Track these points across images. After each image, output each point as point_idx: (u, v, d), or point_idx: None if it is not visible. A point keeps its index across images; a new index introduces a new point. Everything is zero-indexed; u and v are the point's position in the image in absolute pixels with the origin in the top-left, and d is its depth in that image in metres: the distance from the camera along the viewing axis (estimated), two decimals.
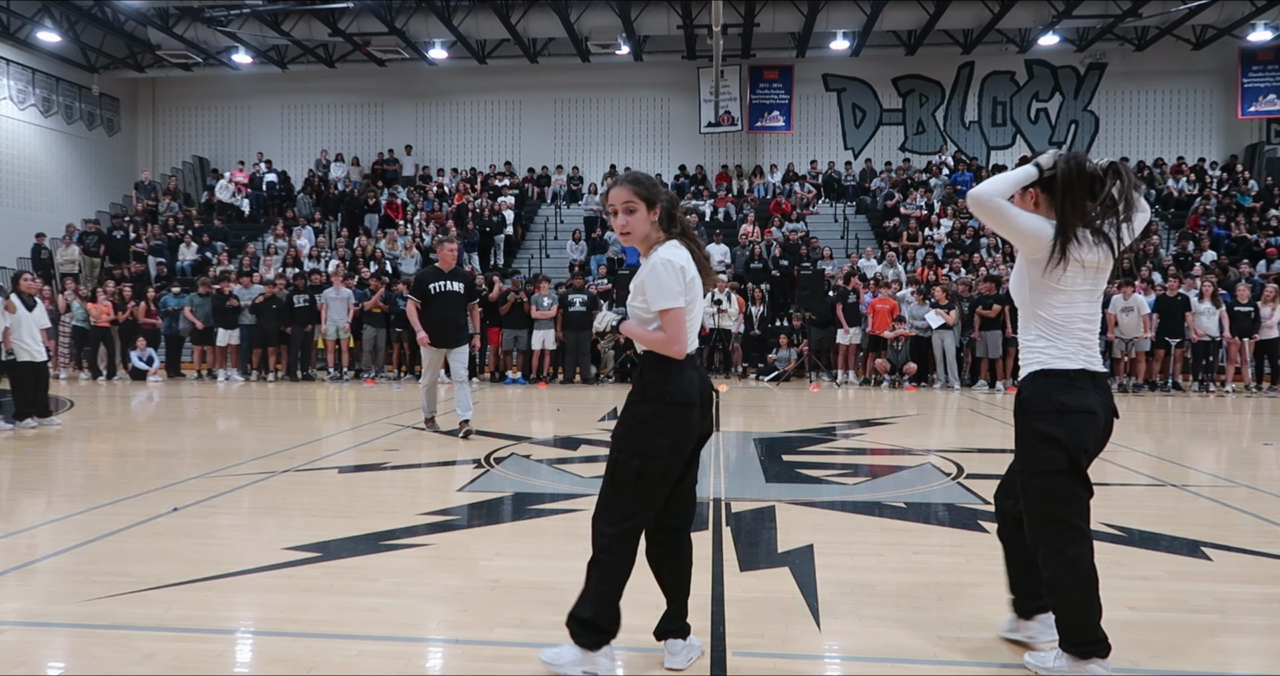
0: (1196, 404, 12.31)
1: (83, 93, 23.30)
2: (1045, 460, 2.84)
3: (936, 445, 8.12)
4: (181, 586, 3.80)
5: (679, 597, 2.99)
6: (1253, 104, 22.19)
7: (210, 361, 15.71)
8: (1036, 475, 2.86)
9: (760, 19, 20.31)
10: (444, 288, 8.18)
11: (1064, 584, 2.82)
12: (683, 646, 2.96)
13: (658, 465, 2.83)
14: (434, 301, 8.16)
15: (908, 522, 5.09)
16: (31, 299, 9.41)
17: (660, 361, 2.88)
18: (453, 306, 8.21)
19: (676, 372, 2.86)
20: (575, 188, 23.19)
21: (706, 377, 2.99)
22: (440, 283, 8.19)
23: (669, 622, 2.98)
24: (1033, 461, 2.87)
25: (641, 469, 2.83)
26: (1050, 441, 2.83)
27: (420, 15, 20.76)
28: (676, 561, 3.00)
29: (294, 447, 7.68)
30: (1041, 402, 2.88)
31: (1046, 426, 2.84)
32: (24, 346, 9.21)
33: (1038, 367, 2.92)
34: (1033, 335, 2.95)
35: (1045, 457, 2.84)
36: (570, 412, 10.65)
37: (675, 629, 2.97)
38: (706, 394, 2.93)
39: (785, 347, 15.41)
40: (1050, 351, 2.91)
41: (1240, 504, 5.59)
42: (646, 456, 2.82)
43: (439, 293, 8.17)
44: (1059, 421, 2.84)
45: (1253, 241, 18.16)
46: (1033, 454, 2.87)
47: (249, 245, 19.87)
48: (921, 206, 20.53)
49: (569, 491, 5.87)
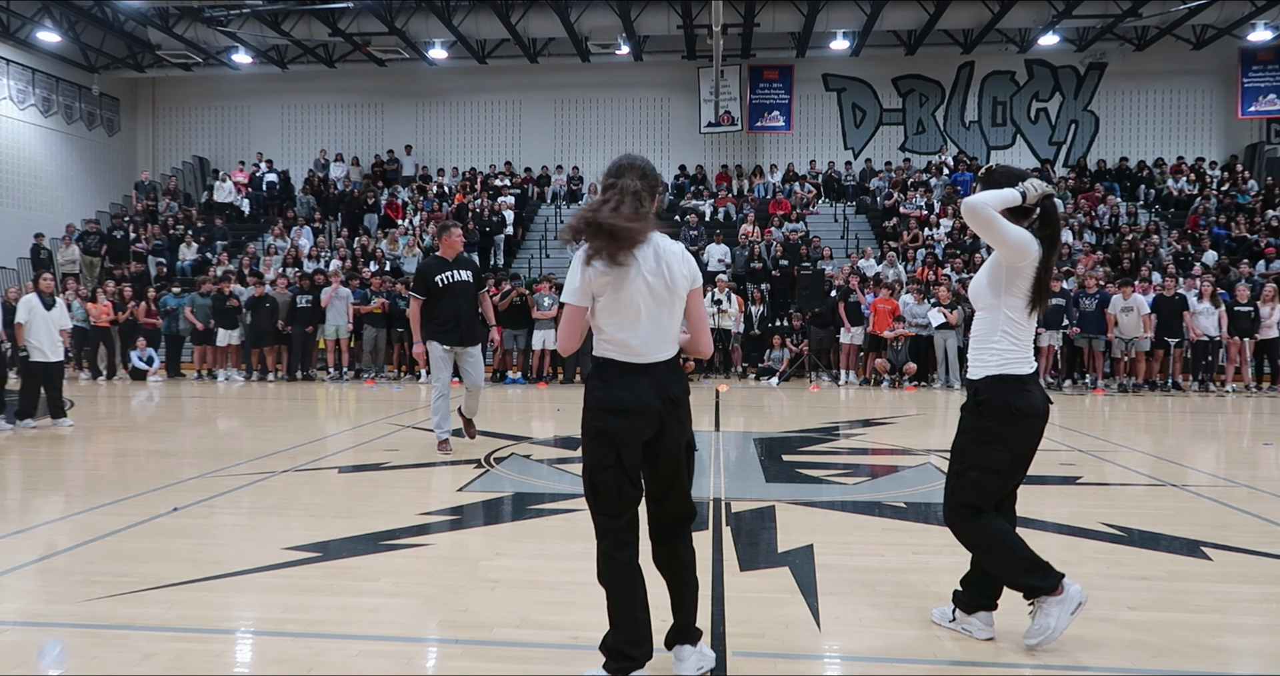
0: (1196, 404, 12.31)
1: (83, 93, 23.30)
2: (991, 458, 3.12)
3: (936, 445, 8.12)
4: (181, 586, 3.80)
5: (683, 605, 2.90)
6: (1253, 104, 22.19)
7: (209, 361, 15.72)
8: (977, 468, 3.14)
9: (760, 19, 20.31)
10: (453, 278, 7.12)
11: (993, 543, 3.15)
12: (692, 652, 2.89)
13: (605, 477, 2.77)
14: (443, 295, 7.08)
15: (908, 522, 5.09)
16: (51, 298, 9.40)
17: (597, 366, 2.82)
18: (465, 299, 7.17)
19: (608, 379, 2.78)
20: (575, 188, 23.18)
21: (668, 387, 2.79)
22: (448, 273, 7.12)
23: (677, 630, 2.91)
24: (979, 456, 3.14)
25: (593, 481, 2.81)
26: (1000, 443, 3.11)
27: (420, 15, 20.76)
28: (678, 570, 2.90)
29: (294, 447, 7.68)
30: (999, 406, 3.11)
31: (1001, 428, 3.10)
32: (38, 346, 9.20)
33: (997, 371, 3.14)
34: (997, 336, 3.15)
35: (991, 456, 3.12)
36: (570, 412, 10.65)
37: (683, 636, 2.90)
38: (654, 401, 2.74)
39: (779, 348, 15.40)
40: (1010, 353, 3.13)
41: (1240, 504, 5.59)
42: (593, 468, 2.80)
43: (448, 285, 7.10)
44: (1013, 425, 3.10)
45: (1253, 241, 18.17)
46: (981, 450, 3.13)
47: (249, 245, 19.88)
48: (921, 206, 20.53)
49: (569, 491, 5.87)
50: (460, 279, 7.15)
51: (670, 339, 2.84)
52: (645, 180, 2.85)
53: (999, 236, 3.04)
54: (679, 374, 2.86)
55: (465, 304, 7.15)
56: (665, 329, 2.81)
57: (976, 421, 3.15)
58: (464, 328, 7.13)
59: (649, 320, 2.76)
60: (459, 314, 7.11)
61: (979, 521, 3.16)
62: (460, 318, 7.11)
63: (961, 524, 3.19)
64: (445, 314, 7.09)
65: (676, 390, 2.83)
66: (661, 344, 2.81)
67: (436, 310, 7.09)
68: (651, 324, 2.77)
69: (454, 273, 7.15)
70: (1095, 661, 3.07)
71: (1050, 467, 6.91)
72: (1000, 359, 3.13)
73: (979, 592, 3.27)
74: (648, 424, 2.75)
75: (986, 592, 3.27)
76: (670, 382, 2.81)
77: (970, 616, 3.28)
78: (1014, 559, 3.12)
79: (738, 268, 17.94)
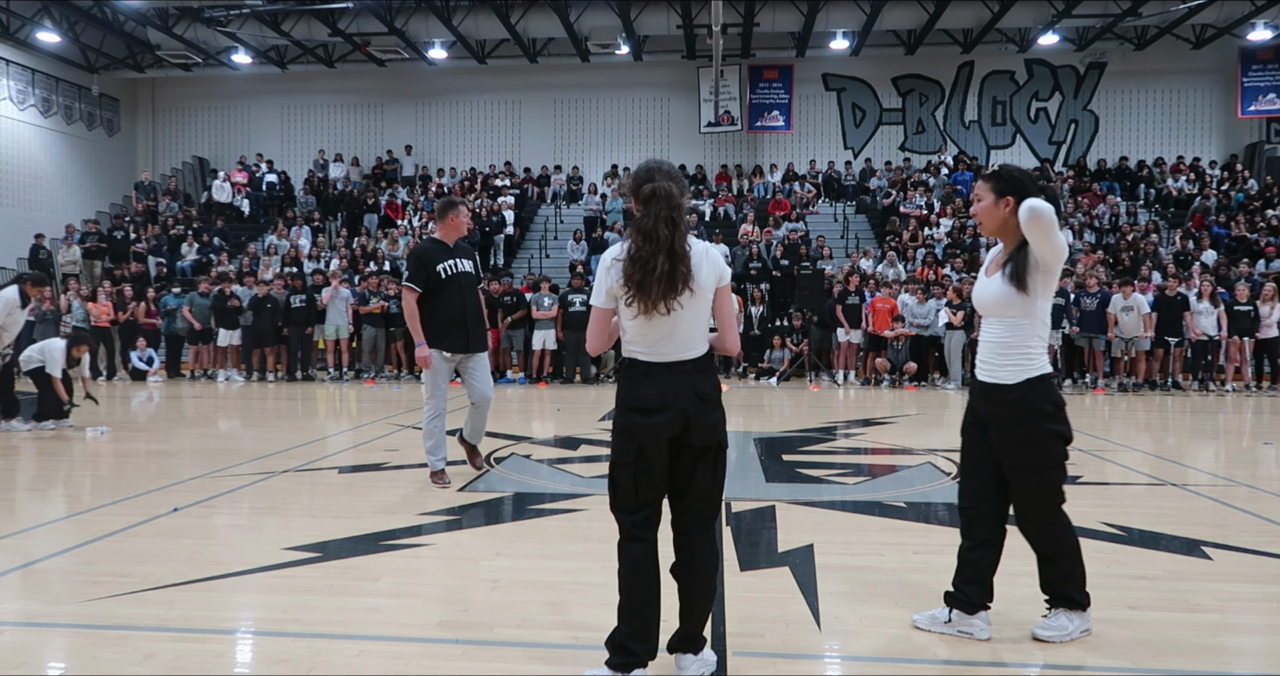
0: (1196, 403, 12.31)
1: (82, 93, 23.30)
2: (1060, 454, 3.18)
3: (936, 445, 8.12)
4: (181, 586, 3.80)
5: (691, 613, 2.86)
6: (1252, 103, 22.18)
7: (206, 362, 15.71)
8: (1053, 469, 3.18)
9: (760, 19, 20.30)
10: (455, 268, 5.85)
11: (1072, 547, 3.24)
12: (694, 661, 2.86)
13: (625, 473, 2.80)
14: (446, 289, 5.80)
15: (908, 522, 5.09)
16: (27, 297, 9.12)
17: (626, 365, 2.87)
18: (470, 294, 5.91)
19: (633, 378, 2.82)
20: (575, 188, 23.18)
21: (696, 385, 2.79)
22: (450, 262, 5.85)
23: (681, 637, 2.88)
24: (1052, 457, 3.17)
25: (613, 476, 2.84)
26: (1061, 438, 3.18)
27: (420, 15, 20.76)
28: (688, 577, 2.86)
29: (294, 448, 7.68)
30: (1048, 404, 3.17)
31: (1056, 425, 3.16)
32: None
33: (1038, 374, 3.19)
34: (1034, 341, 3.20)
35: (1059, 452, 3.18)
36: (570, 412, 10.65)
37: (688, 644, 2.87)
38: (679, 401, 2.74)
39: (779, 348, 15.40)
40: (1042, 355, 3.22)
41: (1240, 503, 5.59)
42: (615, 464, 2.83)
43: (451, 276, 5.82)
44: (1062, 419, 3.18)
45: (1253, 241, 18.17)
46: (1053, 451, 3.17)
47: (249, 245, 19.88)
48: (921, 206, 20.53)
49: (569, 491, 5.87)
50: (463, 269, 5.88)
51: (697, 338, 2.83)
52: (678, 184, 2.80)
53: (1055, 240, 3.03)
54: (708, 372, 2.84)
55: (470, 300, 5.89)
56: (691, 328, 2.80)
57: (1030, 425, 3.15)
58: (470, 329, 5.86)
59: (673, 320, 2.77)
60: (464, 312, 5.83)
61: (1069, 522, 3.26)
62: (466, 316, 5.84)
63: (1055, 527, 3.23)
64: (448, 312, 5.79)
65: (705, 388, 2.81)
66: (687, 343, 2.81)
67: (437, 307, 5.78)
68: (676, 324, 2.78)
69: (456, 262, 5.86)
70: (1095, 661, 3.07)
71: None
72: (1037, 362, 3.18)
73: (982, 591, 3.26)
74: (672, 421, 2.75)
75: (989, 590, 3.28)
76: (698, 380, 2.80)
77: (972, 617, 3.26)
78: (1081, 566, 3.26)
79: (738, 268, 17.93)
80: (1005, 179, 3.20)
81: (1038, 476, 3.19)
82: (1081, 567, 3.25)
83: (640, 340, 2.80)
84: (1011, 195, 3.15)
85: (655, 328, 2.77)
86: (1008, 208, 3.16)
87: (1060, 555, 3.24)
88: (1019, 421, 3.15)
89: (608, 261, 2.81)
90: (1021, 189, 3.14)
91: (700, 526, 2.87)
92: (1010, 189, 3.17)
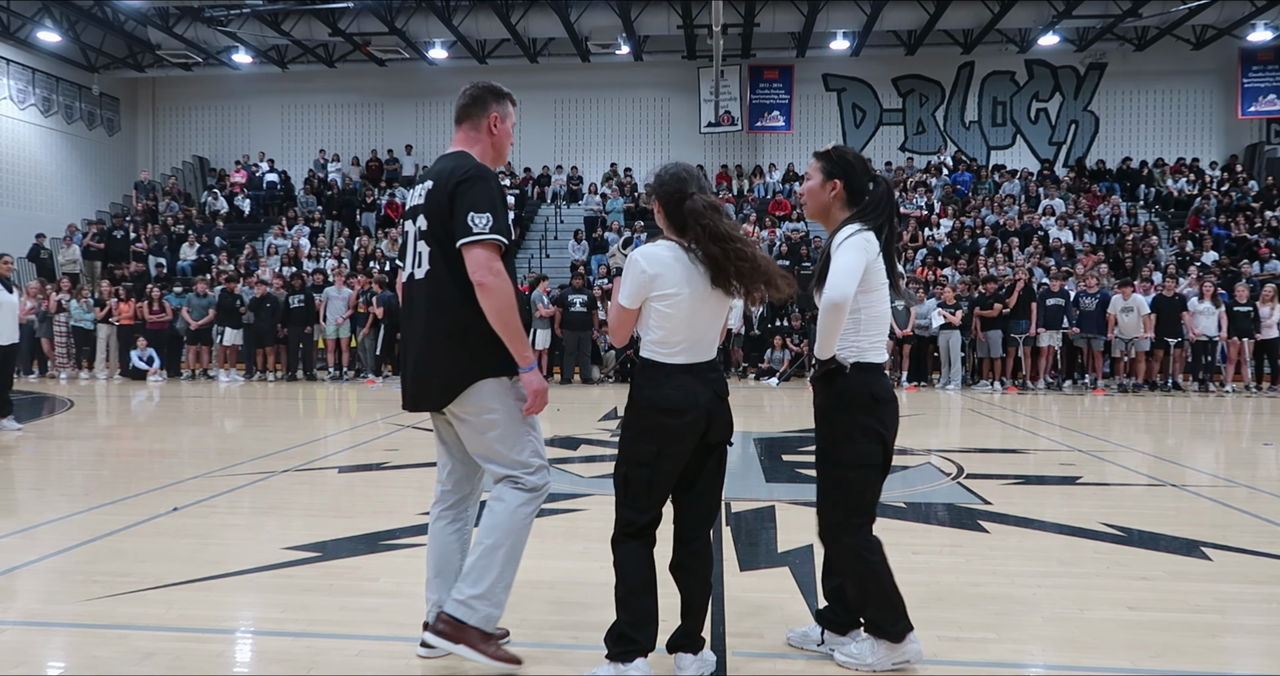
0: (1196, 404, 12.31)
1: (83, 92, 23.30)
2: (864, 454, 2.89)
3: (936, 445, 8.12)
4: (181, 586, 3.80)
5: (691, 612, 2.89)
6: (1253, 104, 22.19)
7: (205, 361, 15.70)
8: (854, 468, 2.90)
9: (760, 19, 20.30)
10: None
11: (875, 569, 2.90)
12: (693, 661, 2.87)
13: (642, 473, 2.80)
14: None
15: (908, 522, 5.08)
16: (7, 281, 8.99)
17: (646, 366, 2.87)
18: None
19: (657, 379, 2.82)
20: (575, 188, 23.19)
21: (714, 385, 2.86)
22: None
23: (680, 636, 2.89)
24: (854, 455, 2.89)
25: (628, 475, 2.84)
26: (871, 433, 2.89)
27: (420, 15, 20.76)
28: (688, 574, 2.89)
29: (294, 447, 7.68)
30: (862, 394, 2.89)
31: (867, 419, 2.88)
32: None
33: (854, 359, 2.90)
34: (849, 327, 2.88)
35: (865, 451, 2.89)
36: (570, 412, 10.65)
37: (687, 643, 2.88)
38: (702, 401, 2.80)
39: (779, 348, 15.40)
40: (861, 343, 2.91)
41: (1240, 504, 5.59)
42: (630, 463, 2.83)
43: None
44: (876, 413, 2.89)
45: (1253, 242, 18.17)
46: (857, 447, 2.89)
47: (249, 245, 19.87)
48: (921, 206, 20.53)
49: (569, 491, 5.87)
50: None
51: (713, 341, 2.91)
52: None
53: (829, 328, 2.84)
54: (718, 371, 2.93)
55: None
56: (710, 333, 2.89)
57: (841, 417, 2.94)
58: None
59: (696, 325, 2.83)
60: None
61: (873, 535, 3.00)
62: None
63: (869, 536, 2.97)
64: None
65: (721, 387, 2.91)
66: (711, 345, 2.90)
67: None
68: (698, 328, 2.84)
69: None
70: (1095, 661, 3.07)
71: (1050, 468, 6.92)
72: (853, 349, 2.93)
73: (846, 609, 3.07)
74: (696, 422, 2.80)
75: None
76: (714, 380, 2.88)
77: (843, 638, 3.06)
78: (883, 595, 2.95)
79: None
80: (836, 161, 3.01)
81: (841, 471, 2.93)
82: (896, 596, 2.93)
83: (669, 341, 2.82)
84: (840, 178, 2.99)
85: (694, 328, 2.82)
86: (834, 192, 3.00)
87: (867, 576, 2.94)
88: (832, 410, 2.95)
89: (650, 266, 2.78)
90: (851, 174, 2.97)
91: (704, 521, 2.93)
92: (840, 172, 2.99)
